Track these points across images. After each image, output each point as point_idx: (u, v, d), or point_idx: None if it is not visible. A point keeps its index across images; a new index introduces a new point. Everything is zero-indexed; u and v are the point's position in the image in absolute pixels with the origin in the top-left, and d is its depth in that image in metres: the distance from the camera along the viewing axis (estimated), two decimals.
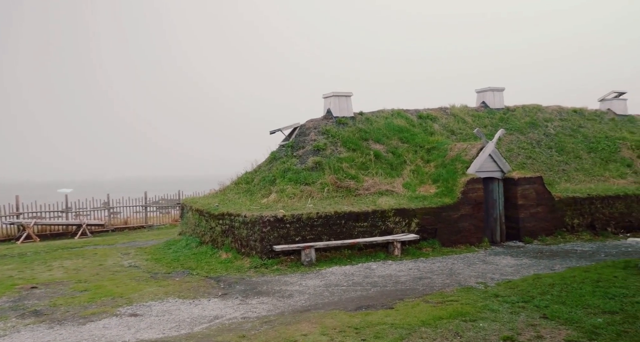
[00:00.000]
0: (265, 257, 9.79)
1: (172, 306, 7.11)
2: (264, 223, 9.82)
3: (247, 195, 12.37)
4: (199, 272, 9.53)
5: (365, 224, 10.68)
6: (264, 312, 6.62)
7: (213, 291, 8.04)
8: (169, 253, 11.91)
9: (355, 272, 9.00)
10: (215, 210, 11.65)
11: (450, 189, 11.81)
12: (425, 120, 15.37)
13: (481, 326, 5.43)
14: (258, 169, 13.68)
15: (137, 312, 6.87)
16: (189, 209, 13.67)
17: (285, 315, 6.41)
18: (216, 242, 11.59)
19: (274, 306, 6.97)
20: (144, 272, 9.78)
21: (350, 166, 12.64)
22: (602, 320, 5.36)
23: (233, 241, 10.85)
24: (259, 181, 12.69)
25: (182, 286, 8.43)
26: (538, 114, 16.85)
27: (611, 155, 15.53)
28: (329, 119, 14.28)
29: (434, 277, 8.43)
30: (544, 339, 4.95)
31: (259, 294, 7.68)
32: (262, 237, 9.80)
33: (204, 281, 8.83)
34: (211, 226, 11.86)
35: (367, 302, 6.89)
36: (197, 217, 12.79)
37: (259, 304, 7.07)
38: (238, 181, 13.65)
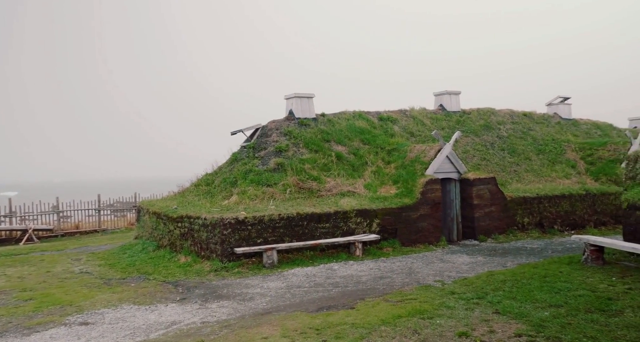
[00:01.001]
0: (226, 260, 9.60)
1: (126, 313, 6.82)
2: (224, 225, 9.62)
3: (208, 197, 12.09)
4: (156, 277, 9.21)
5: (328, 225, 10.71)
6: (224, 316, 6.48)
7: (171, 296, 7.79)
8: (124, 258, 11.43)
9: (317, 273, 9.00)
10: (174, 212, 11.30)
11: (410, 189, 12.08)
12: (385, 122, 15.65)
13: (438, 323, 5.56)
14: (219, 170, 13.42)
15: (88, 320, 6.53)
16: (146, 212, 13.20)
17: (246, 318, 6.30)
18: (175, 245, 11.24)
19: (234, 309, 6.83)
20: (97, 279, 9.33)
21: (312, 167, 12.65)
22: (549, 313, 5.62)
23: (192, 244, 10.56)
24: (220, 183, 12.45)
25: (137, 291, 8.11)
26: (492, 117, 17.58)
27: (557, 157, 16.44)
28: (291, 120, 14.24)
29: (394, 276, 8.57)
30: (495, 333, 5.13)
31: (219, 298, 7.51)
32: (223, 240, 9.61)
33: (162, 285, 8.53)
34: (169, 229, 11.50)
35: (329, 302, 6.90)
36: (155, 220, 12.36)
37: (219, 308, 6.91)
38: (198, 183, 13.33)
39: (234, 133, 13.67)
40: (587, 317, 5.35)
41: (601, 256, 8.16)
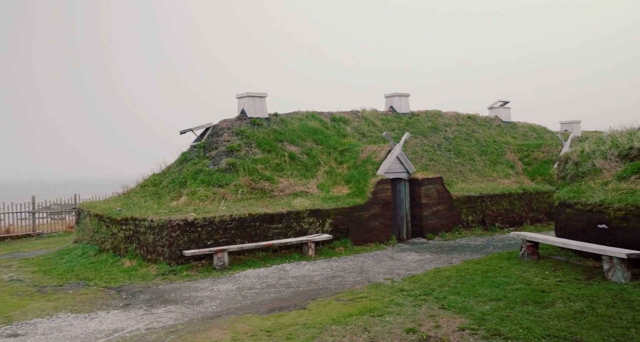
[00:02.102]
0: (174, 263, 9.27)
1: (62, 322, 6.39)
2: (172, 227, 9.30)
3: (155, 198, 11.63)
4: (97, 283, 8.72)
5: (280, 225, 10.66)
6: (171, 322, 6.25)
7: (113, 302, 7.40)
8: (61, 263, 10.72)
9: (269, 274, 8.93)
10: (118, 214, 10.77)
11: (361, 189, 12.29)
12: (338, 122, 15.83)
13: (387, 320, 5.69)
14: (167, 170, 12.94)
15: (18, 331, 6.06)
16: (87, 214, 12.47)
17: (195, 323, 6.12)
18: (118, 249, 10.71)
19: (182, 314, 6.62)
20: (29, 286, 8.68)
21: (265, 167, 12.54)
22: (489, 307, 5.93)
23: (138, 247, 10.11)
24: (168, 183, 12.01)
25: (76, 299, 7.63)
26: (439, 120, 18.30)
27: (498, 158, 17.41)
28: (243, 119, 14.03)
29: (346, 275, 8.68)
30: (441, 328, 5.33)
31: (166, 303, 7.24)
32: (171, 242, 9.28)
33: (103, 292, 8.09)
34: (113, 232, 10.94)
35: (281, 303, 6.87)
36: (97, 223, 11.70)
37: (166, 313, 6.67)
38: (144, 184, 12.78)
39: (183, 132, 13.24)
40: (524, 310, 5.70)
41: (536, 251, 8.72)
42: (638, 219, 7.06)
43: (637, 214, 7.08)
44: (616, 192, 7.79)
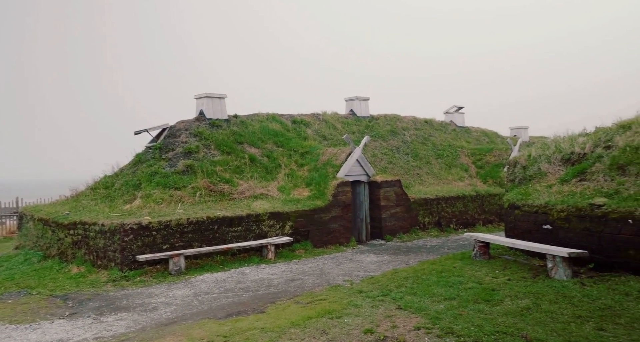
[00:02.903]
0: (126, 268, 8.91)
1: (0, 334, 5.97)
2: (125, 231, 8.93)
3: (107, 201, 11.12)
4: (40, 291, 8.20)
5: (240, 228, 10.51)
6: (122, 330, 6.00)
7: (58, 311, 7.00)
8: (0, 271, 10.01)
9: (227, 278, 8.77)
10: (65, 218, 10.21)
11: (322, 192, 12.35)
12: (299, 125, 15.84)
13: (346, 322, 5.74)
14: (120, 172, 12.42)
15: None
16: (30, 219, 11.74)
17: (147, 330, 5.90)
18: (65, 255, 10.15)
19: (134, 321, 6.36)
20: None
21: (224, 170, 12.32)
22: (444, 306, 6.12)
23: (87, 252, 9.63)
24: (121, 186, 11.53)
25: (16, 309, 7.15)
26: (397, 123, 18.74)
27: (453, 161, 18.06)
28: (201, 120, 13.73)
29: (306, 278, 8.68)
30: (398, 328, 5.45)
31: (117, 310, 6.94)
32: (123, 247, 8.90)
33: (47, 300, 7.63)
34: (59, 237, 10.35)
35: (239, 308, 6.76)
36: (41, 228, 11.04)
37: (117, 321, 6.38)
38: (95, 186, 12.20)
39: (138, 133, 12.76)
40: (475, 308, 5.92)
41: (487, 251, 9.11)
42: (578, 219, 7.55)
43: (577, 215, 7.57)
44: (559, 195, 8.29)
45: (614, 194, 7.35)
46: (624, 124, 8.67)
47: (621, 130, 8.54)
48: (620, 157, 7.87)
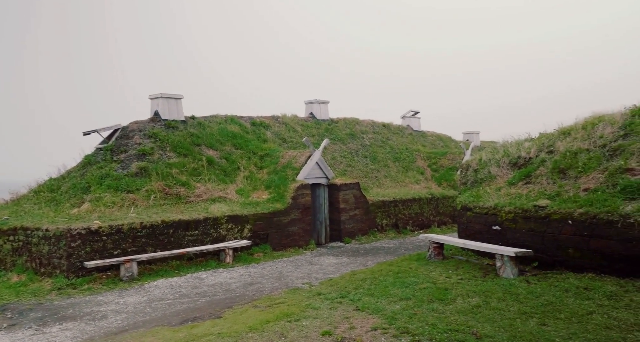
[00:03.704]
0: (73, 276, 8.45)
1: None
2: (72, 237, 8.47)
3: (52, 205, 10.51)
4: None
5: (196, 232, 10.26)
6: (67, 341, 5.68)
7: None
8: None
9: (183, 284, 8.53)
10: (5, 224, 9.55)
11: (281, 194, 12.31)
12: (258, 127, 15.71)
13: (304, 325, 5.74)
14: (67, 175, 11.77)
15: None
16: None
17: (96, 340, 5.63)
18: (4, 263, 9.49)
19: (81, 331, 6.04)
20: None
21: (180, 172, 11.99)
22: (400, 306, 6.27)
23: (29, 259, 9.05)
24: (68, 189, 10.93)
25: None
26: (356, 127, 19.03)
27: (410, 165, 18.57)
28: (156, 121, 13.30)
29: (264, 281, 8.60)
30: (355, 329, 5.52)
31: (62, 320, 6.56)
32: (70, 253, 8.44)
33: None
34: None
35: (195, 314, 6.59)
36: None
37: (61, 332, 6.03)
38: (39, 189, 11.48)
39: (87, 133, 12.15)
40: (429, 307, 6.11)
41: (442, 252, 9.43)
42: (524, 220, 7.98)
43: (523, 216, 8.00)
44: (507, 197, 8.73)
45: (556, 196, 7.84)
46: (564, 130, 9.27)
47: (562, 136, 9.13)
48: (561, 162, 8.40)
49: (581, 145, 8.42)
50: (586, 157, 8.13)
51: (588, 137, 8.50)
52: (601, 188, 7.33)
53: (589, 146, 8.29)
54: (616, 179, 7.26)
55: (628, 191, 6.94)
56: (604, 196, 7.13)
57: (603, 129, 8.41)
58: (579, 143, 8.52)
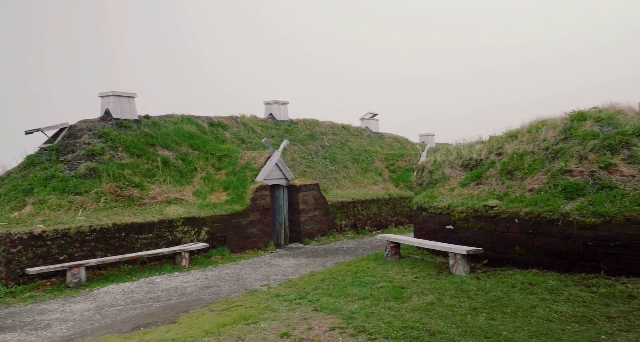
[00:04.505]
0: (13, 283, 7.91)
1: None
2: (12, 242, 7.93)
3: None
4: None
5: (150, 235, 9.91)
6: None
7: None
8: None
9: (135, 289, 8.21)
10: None
11: (240, 196, 12.14)
12: (216, 127, 15.42)
13: (262, 327, 5.69)
14: (7, 176, 10.99)
15: None
16: None
17: None
18: None
19: None
20: None
21: (133, 173, 11.54)
22: (357, 306, 6.36)
23: None
24: (8, 191, 10.21)
25: None
26: (316, 128, 19.12)
27: (368, 166, 18.88)
28: (107, 120, 12.73)
29: (222, 284, 8.45)
30: (313, 329, 5.53)
31: (0, 331, 6.12)
32: (9, 260, 7.90)
33: None
34: None
35: (148, 319, 6.36)
36: None
37: None
38: None
39: (30, 132, 11.40)
40: (386, 306, 6.24)
41: (398, 251, 9.66)
42: (475, 220, 8.33)
43: (474, 216, 8.35)
44: (460, 197, 9.08)
45: (504, 196, 8.25)
46: (512, 133, 9.78)
47: (510, 139, 9.62)
48: (509, 163, 8.85)
49: (527, 148, 8.91)
50: (531, 159, 8.61)
51: (533, 140, 9.00)
52: (544, 188, 7.79)
53: (534, 149, 8.78)
54: (557, 180, 7.74)
55: (568, 191, 7.43)
56: (546, 195, 7.58)
57: (546, 132, 8.94)
58: (525, 146, 9.00)
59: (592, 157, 7.74)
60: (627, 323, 5.11)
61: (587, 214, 6.87)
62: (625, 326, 5.04)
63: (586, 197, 7.17)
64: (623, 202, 6.78)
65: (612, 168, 7.42)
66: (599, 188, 7.24)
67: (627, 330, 4.93)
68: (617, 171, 7.35)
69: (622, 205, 6.74)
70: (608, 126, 8.30)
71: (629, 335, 4.80)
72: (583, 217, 6.89)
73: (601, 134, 8.12)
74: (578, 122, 8.73)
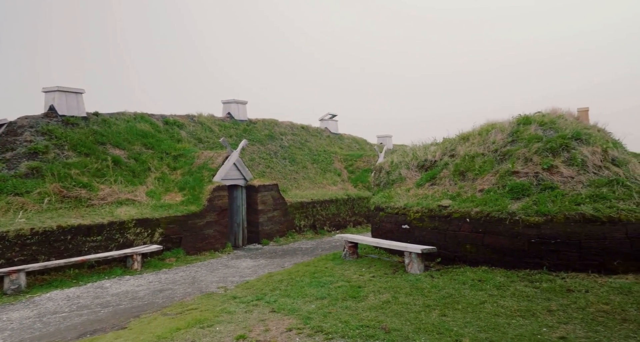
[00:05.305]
0: None
1: None
2: None
3: None
4: None
5: (100, 237, 9.45)
6: None
7: None
8: None
9: (82, 294, 7.78)
10: None
11: (196, 196, 11.83)
12: (172, 126, 14.96)
13: (217, 330, 5.57)
14: None
15: None
16: None
17: None
18: None
19: None
20: None
21: (81, 173, 10.96)
22: (315, 306, 6.37)
23: None
24: None
25: None
26: (275, 128, 19.01)
27: (328, 166, 19.01)
28: (52, 117, 12.01)
29: (176, 287, 8.19)
30: (270, 331, 5.49)
31: None
32: None
33: None
34: None
35: (95, 326, 6.05)
36: None
37: None
38: None
39: None
40: (343, 305, 6.29)
41: (356, 251, 9.78)
42: (430, 219, 8.59)
43: (429, 216, 8.61)
44: (415, 197, 9.33)
45: (457, 197, 8.56)
46: (464, 135, 10.17)
47: (462, 141, 10.01)
48: (461, 165, 9.21)
49: (478, 150, 9.31)
50: (482, 160, 8.99)
51: (483, 143, 9.41)
52: (493, 189, 8.16)
53: (484, 151, 9.19)
54: (505, 181, 8.14)
55: (515, 191, 7.83)
56: (495, 196, 7.95)
57: (495, 135, 9.37)
58: (476, 148, 9.40)
59: (536, 159, 8.21)
60: (566, 316, 5.45)
61: (532, 213, 7.27)
62: (564, 318, 5.38)
63: (531, 197, 7.59)
64: (563, 202, 7.24)
65: (554, 170, 7.90)
66: (542, 188, 7.68)
67: (566, 322, 5.26)
68: (558, 173, 7.83)
69: (562, 204, 7.19)
70: (550, 130, 8.82)
71: (567, 327, 5.13)
72: (528, 216, 7.28)
73: (544, 137, 8.62)
74: (524, 126, 9.23)
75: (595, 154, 7.90)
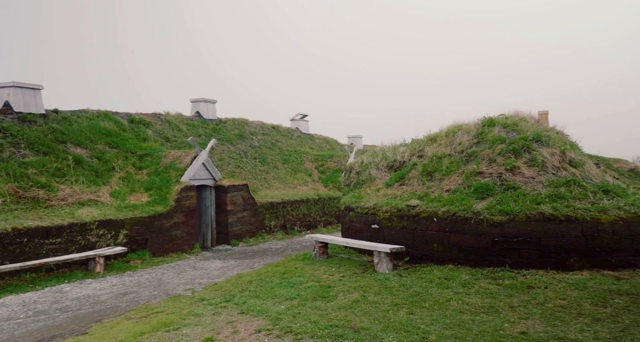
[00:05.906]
0: None
1: None
2: None
3: None
4: None
5: (59, 240, 9.05)
6: None
7: None
8: None
9: (39, 299, 7.43)
10: None
11: (163, 197, 11.54)
12: (137, 125, 14.53)
13: (184, 333, 5.45)
14: None
15: None
16: None
17: None
18: None
19: None
20: None
21: (39, 173, 10.47)
22: (284, 306, 6.33)
23: None
24: None
25: None
26: (245, 128, 18.81)
27: (298, 166, 18.99)
28: (7, 114, 11.42)
29: (141, 290, 7.95)
30: (239, 333, 5.41)
31: None
32: None
33: None
34: None
35: (53, 332, 5.79)
36: None
37: None
38: None
39: None
40: (313, 305, 6.29)
41: (326, 251, 9.80)
42: (398, 219, 8.72)
43: (397, 215, 8.74)
44: (384, 197, 9.45)
45: (424, 196, 8.73)
46: (432, 137, 10.39)
47: (430, 142, 10.22)
48: (429, 165, 9.40)
49: (445, 151, 9.53)
50: (448, 161, 9.21)
51: (450, 144, 9.65)
52: (459, 189, 8.38)
53: (451, 152, 9.41)
54: (471, 181, 8.37)
55: (479, 191, 8.06)
56: (461, 196, 8.16)
57: (461, 136, 9.63)
58: (443, 149, 9.62)
59: (500, 160, 8.48)
60: (526, 311, 5.66)
61: (495, 213, 7.51)
62: (525, 314, 5.58)
63: (495, 197, 7.83)
64: (524, 202, 7.51)
65: (516, 170, 8.19)
66: (505, 189, 7.95)
67: (526, 318, 5.46)
68: (520, 173, 8.12)
69: (524, 204, 7.46)
70: (513, 132, 9.15)
71: (527, 322, 5.32)
72: (492, 215, 7.52)
73: (507, 139, 8.93)
74: (488, 127, 9.52)
75: (554, 155, 8.25)
